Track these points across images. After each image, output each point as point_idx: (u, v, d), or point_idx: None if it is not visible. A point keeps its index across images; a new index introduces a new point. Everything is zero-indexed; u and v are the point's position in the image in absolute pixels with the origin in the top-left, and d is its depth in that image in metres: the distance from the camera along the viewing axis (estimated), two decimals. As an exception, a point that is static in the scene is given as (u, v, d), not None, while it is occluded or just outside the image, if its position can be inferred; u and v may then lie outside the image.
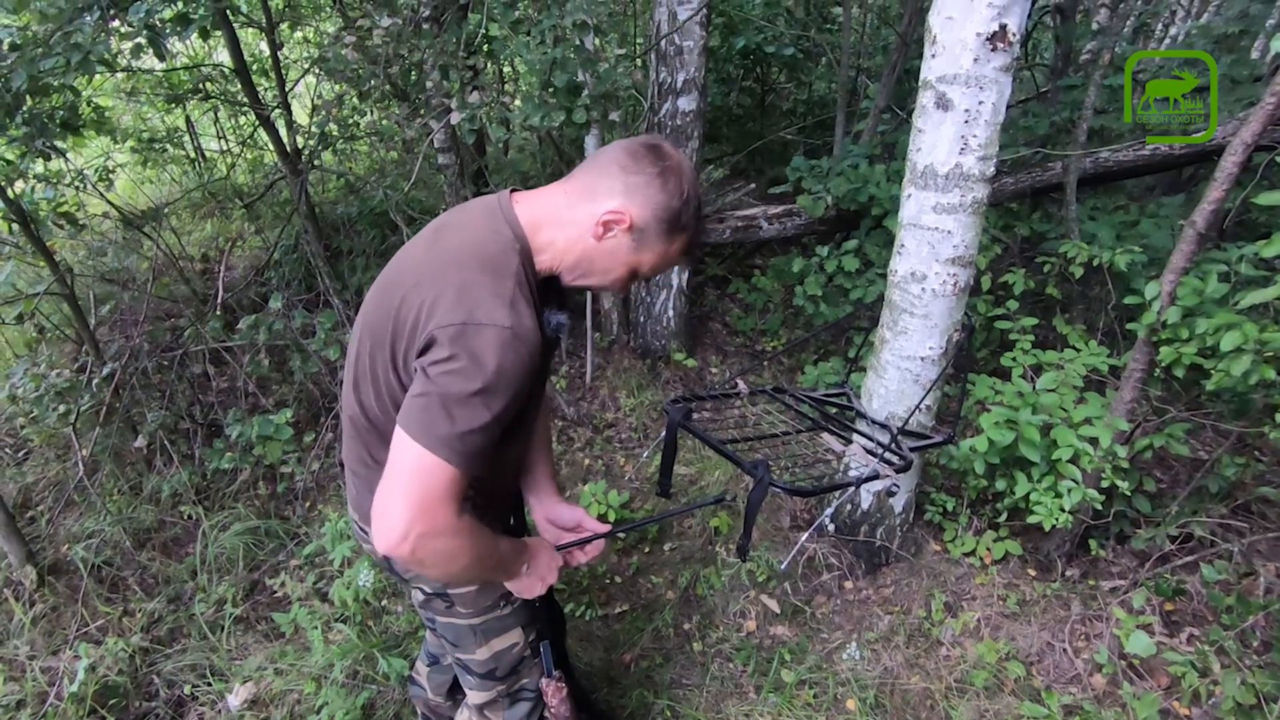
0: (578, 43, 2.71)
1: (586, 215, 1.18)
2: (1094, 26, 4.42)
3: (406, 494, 1.04)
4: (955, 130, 1.95)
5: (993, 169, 2.00)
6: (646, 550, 2.81)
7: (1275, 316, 1.96)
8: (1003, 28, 1.82)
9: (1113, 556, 2.54)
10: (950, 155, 1.98)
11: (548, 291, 1.25)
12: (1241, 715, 1.88)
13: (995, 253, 3.26)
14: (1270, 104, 1.84)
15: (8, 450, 3.17)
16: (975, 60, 1.86)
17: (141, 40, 2.77)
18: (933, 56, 1.95)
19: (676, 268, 3.83)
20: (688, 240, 1.24)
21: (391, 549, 1.04)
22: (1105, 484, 2.23)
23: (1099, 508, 2.28)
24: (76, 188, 3.63)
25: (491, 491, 1.39)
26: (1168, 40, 6.16)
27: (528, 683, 1.57)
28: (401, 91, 3.64)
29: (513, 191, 1.25)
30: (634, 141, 1.21)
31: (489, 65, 4.71)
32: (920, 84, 2.00)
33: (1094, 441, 2.23)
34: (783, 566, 2.53)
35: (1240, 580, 2.25)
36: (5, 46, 2.65)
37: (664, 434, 1.93)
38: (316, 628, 2.22)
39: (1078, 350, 2.56)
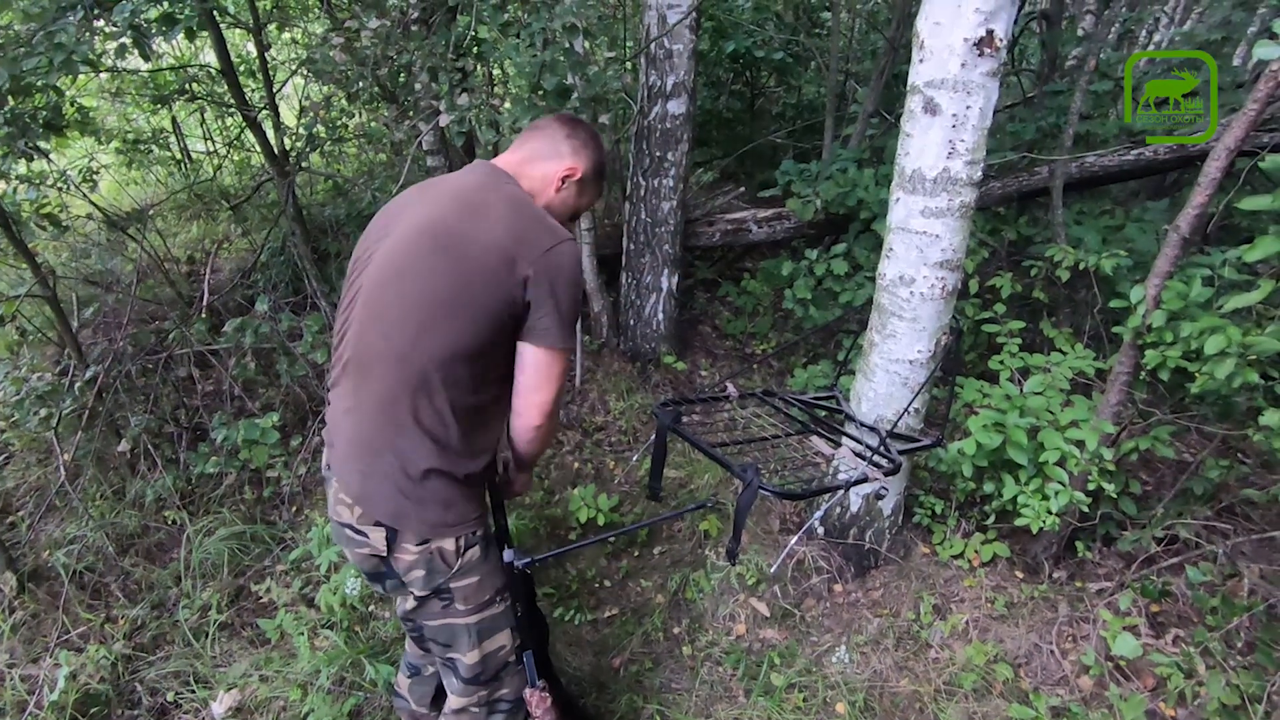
0: (567, 45, 2.71)
1: (549, 173, 1.52)
2: (1079, 33, 4.46)
3: (555, 386, 1.43)
4: (943, 135, 1.96)
5: (980, 173, 2.01)
6: (636, 554, 2.80)
7: (1258, 320, 1.98)
8: (990, 33, 1.84)
9: (1099, 558, 2.55)
10: (938, 160, 1.98)
11: None
12: (1227, 716, 1.90)
13: (983, 257, 3.28)
14: (1253, 110, 1.86)
15: (-12, 454, 3.12)
16: (963, 65, 1.87)
17: (126, 40, 2.75)
18: (920, 61, 1.96)
19: (665, 271, 3.82)
20: (602, 185, 1.66)
21: (546, 420, 1.45)
22: (1092, 486, 2.25)
23: (1086, 510, 2.30)
24: (60, 189, 3.59)
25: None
26: (1151, 46, 6.22)
27: (507, 692, 1.60)
28: (390, 93, 3.62)
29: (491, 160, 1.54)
30: (561, 115, 1.60)
31: (478, 67, 4.70)
32: (908, 89, 2.01)
33: (1080, 444, 2.24)
34: (772, 570, 2.53)
35: (1225, 582, 2.27)
36: (-14, 46, 2.62)
37: (653, 437, 1.93)
38: (303, 634, 2.20)
39: (1064, 353, 2.58)
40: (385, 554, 1.40)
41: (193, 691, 2.18)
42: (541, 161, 1.52)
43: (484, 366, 1.37)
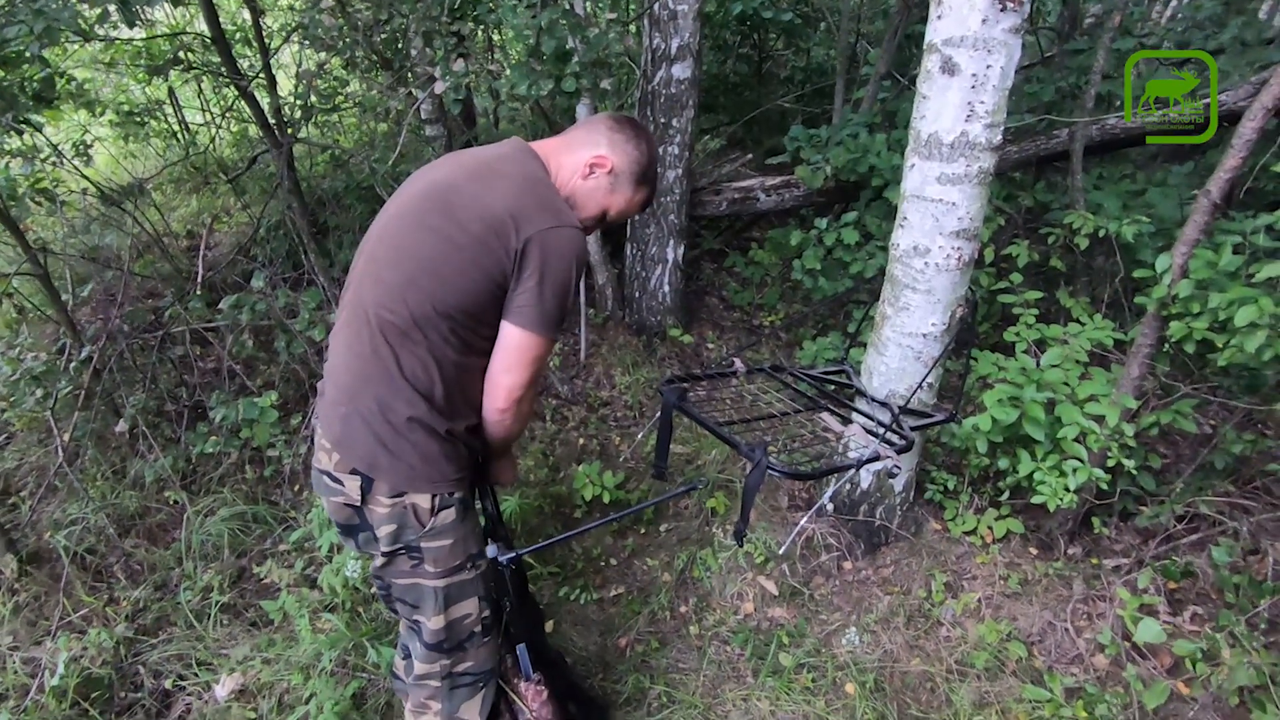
0: (567, 6, 2.59)
1: (578, 159, 1.50)
2: (1102, -12, 4.27)
3: (527, 369, 1.40)
4: (961, 96, 1.85)
5: (1000, 137, 1.91)
6: (642, 532, 2.76)
7: (1292, 290, 1.89)
8: (1013, -15, 1.72)
9: (1116, 535, 2.50)
10: (956, 123, 1.88)
11: None
12: (1247, 697, 1.85)
13: (998, 224, 3.17)
14: (1294, 65, 1.75)
15: (-12, 435, 3.10)
16: (984, 21, 1.77)
17: (111, 7, 2.65)
18: (938, 18, 1.85)
19: (671, 242, 3.73)
20: (647, 193, 1.60)
21: (512, 405, 1.43)
22: (1111, 463, 2.18)
23: (1105, 487, 2.23)
24: (53, 163, 3.52)
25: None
26: (1174, 2, 5.99)
27: (471, 665, 1.57)
28: (385, 60, 3.51)
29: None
30: (618, 114, 1.58)
31: (477, 32, 4.56)
32: (925, 47, 1.90)
33: (1100, 419, 2.17)
34: (781, 548, 2.48)
35: (1246, 558, 2.21)
36: (-35, 14, 2.53)
37: (659, 415, 1.87)
38: (305, 616, 2.17)
39: (1082, 324, 2.49)
40: (359, 503, 1.40)
41: (195, 674, 2.17)
42: (577, 149, 1.51)
43: (471, 329, 1.38)
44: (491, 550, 1.51)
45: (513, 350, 1.38)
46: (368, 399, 1.37)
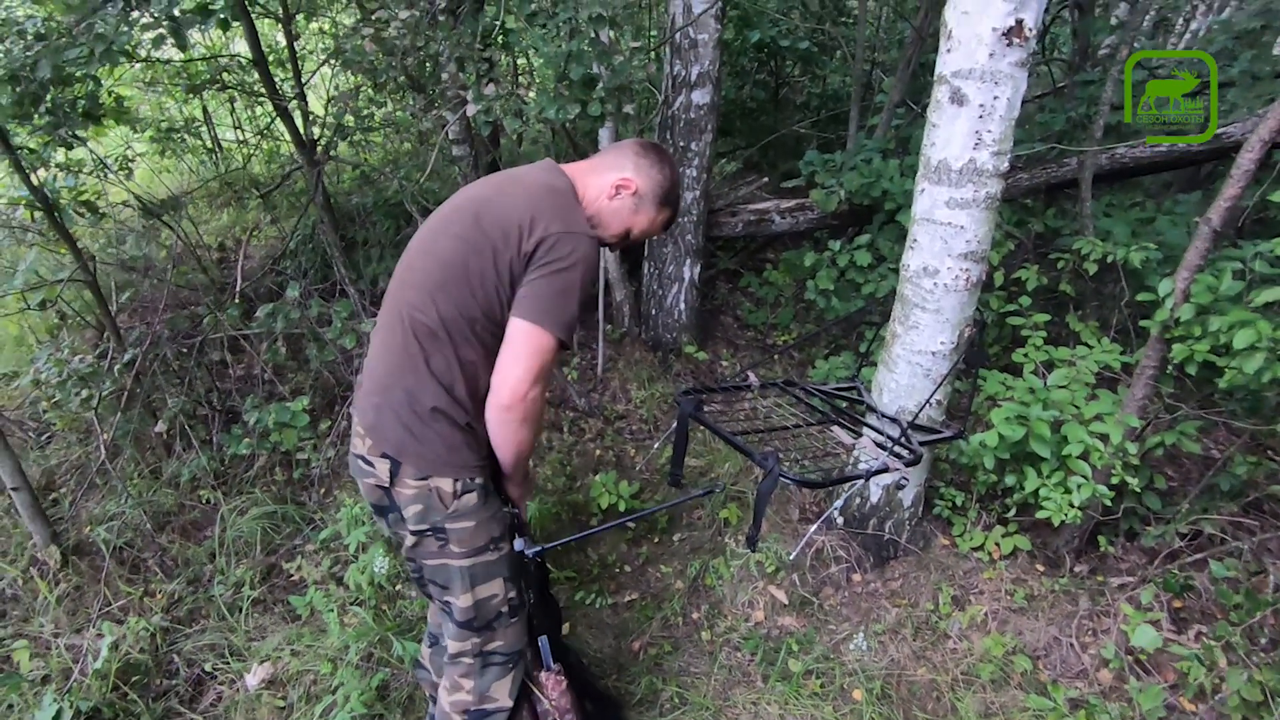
0: (593, 35, 2.72)
1: (605, 180, 1.60)
2: (1112, 21, 4.38)
3: (530, 362, 1.43)
4: (970, 125, 1.95)
5: (1007, 164, 2.00)
6: (656, 540, 2.83)
7: (1289, 315, 1.96)
8: (1019, 23, 1.83)
9: (1122, 553, 2.54)
10: (964, 150, 1.98)
11: None
12: (1248, 711, 1.89)
13: (1008, 249, 3.25)
14: (1288, 101, 1.83)
15: (32, 434, 3.23)
16: (991, 55, 1.87)
17: (163, 30, 2.81)
18: (948, 51, 1.95)
19: (688, 261, 3.84)
20: (669, 215, 1.68)
21: (515, 401, 1.44)
22: (1115, 480, 2.24)
23: (1109, 504, 2.29)
24: (98, 176, 3.69)
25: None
26: (1188, 35, 6.08)
27: (500, 644, 1.65)
28: (417, 83, 3.66)
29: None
30: (646, 141, 1.67)
31: (504, 58, 4.72)
32: (935, 79, 2.01)
33: (1105, 438, 2.23)
34: (791, 558, 2.55)
35: (1250, 578, 2.25)
36: (30, 36, 2.70)
37: (675, 425, 1.96)
38: (333, 610, 2.26)
39: (1090, 347, 2.56)
40: (388, 484, 1.51)
41: (227, 663, 2.26)
42: (604, 171, 1.61)
43: (492, 333, 1.47)
44: (519, 544, 1.60)
45: (517, 341, 1.44)
46: (398, 391, 1.49)
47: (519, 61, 5.44)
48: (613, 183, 1.59)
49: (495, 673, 1.65)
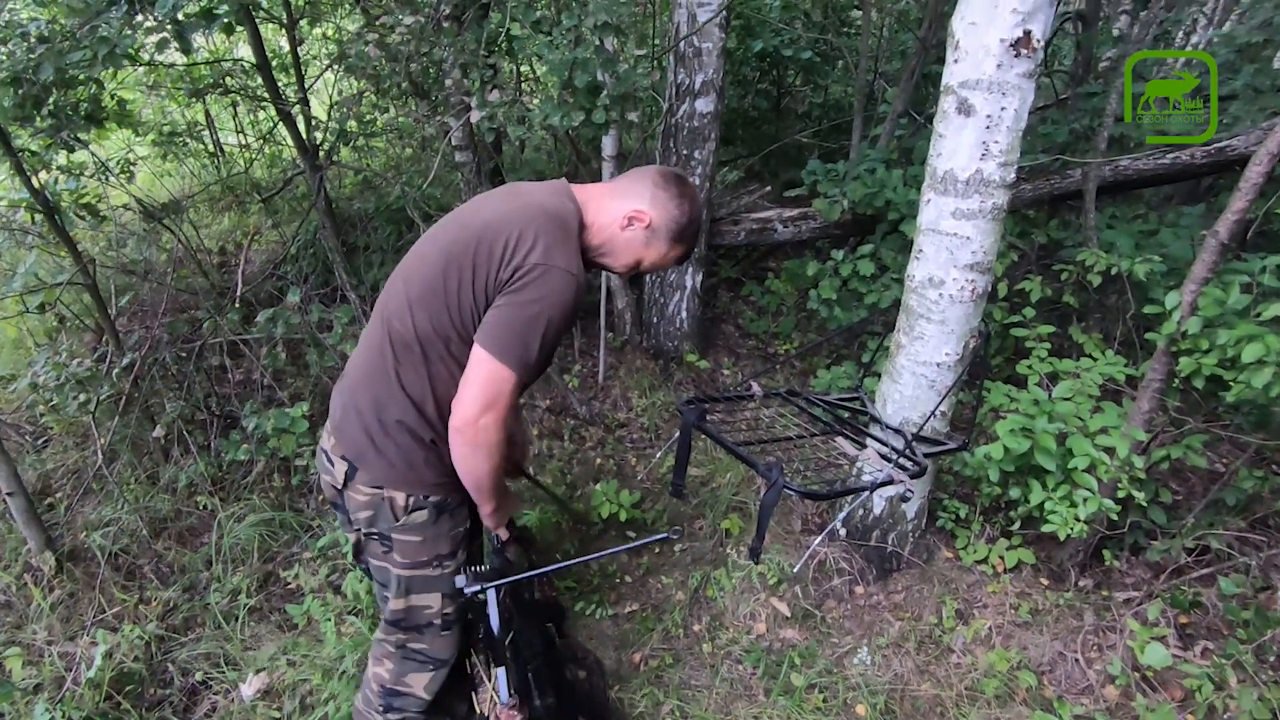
0: (598, 43, 2.72)
1: (619, 209, 1.53)
2: (1115, 33, 4.39)
3: (483, 391, 1.36)
4: (976, 136, 1.94)
5: (1014, 175, 1.99)
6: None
7: (1298, 329, 1.94)
8: (1027, 34, 1.82)
9: (1127, 567, 2.52)
10: (971, 161, 1.97)
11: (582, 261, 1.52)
12: (1257, 730, 1.87)
13: (1012, 260, 3.24)
14: (1297, 114, 1.82)
15: (28, 437, 3.21)
16: (998, 66, 1.86)
17: (167, 34, 2.80)
18: (955, 61, 1.94)
19: (690, 269, 3.83)
20: (683, 251, 1.61)
21: (465, 426, 1.38)
22: (1121, 494, 2.22)
23: (1114, 518, 2.27)
24: (99, 179, 3.68)
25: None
26: (1189, 49, 6.10)
27: (425, 648, 1.66)
28: (421, 89, 3.66)
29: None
30: (667, 169, 1.59)
31: (508, 65, 4.73)
32: (942, 89, 2.00)
33: (1111, 451, 2.21)
34: (794, 570, 2.53)
35: (1257, 594, 2.23)
36: (34, 39, 2.69)
37: (677, 434, 1.94)
38: (329, 620, 2.24)
39: (1094, 359, 2.55)
40: (340, 486, 1.51)
41: (222, 673, 2.23)
42: (619, 198, 1.54)
43: (463, 350, 1.42)
44: (460, 580, 1.55)
45: (473, 366, 1.38)
46: (367, 396, 1.49)
47: (523, 69, 5.44)
48: (626, 213, 1.52)
49: (413, 666, 1.67)
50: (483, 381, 1.36)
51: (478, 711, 1.86)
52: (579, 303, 1.41)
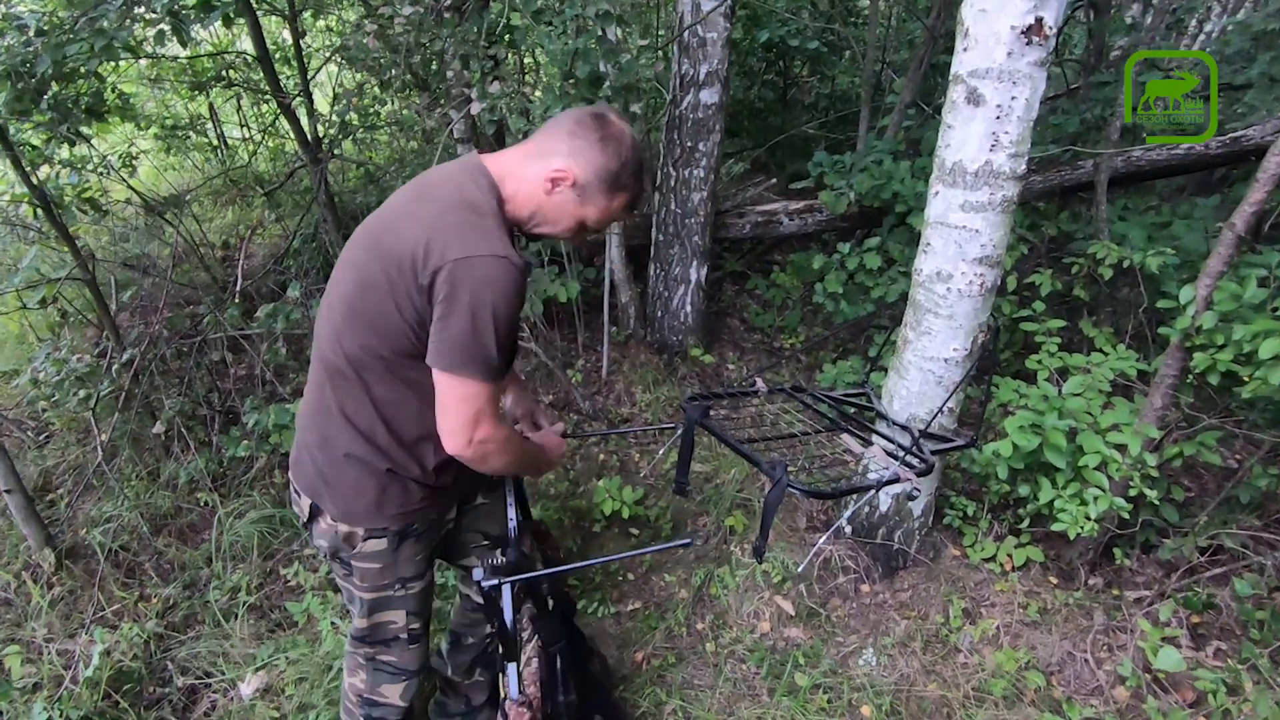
0: (600, 33, 2.68)
1: (538, 172, 1.35)
2: (1127, 21, 4.31)
3: (460, 413, 1.28)
4: (986, 126, 1.89)
5: (1024, 167, 1.94)
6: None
7: (1317, 324, 1.89)
8: (1039, 21, 1.77)
9: (1138, 566, 2.48)
10: (980, 152, 1.92)
11: (511, 239, 1.40)
12: (1271, 734, 1.83)
13: (1021, 252, 3.19)
14: (1318, 103, 1.77)
15: (30, 433, 3.20)
16: (1009, 54, 1.81)
17: (165, 27, 2.78)
18: (964, 50, 1.89)
19: (694, 263, 3.79)
20: (628, 198, 1.43)
21: (459, 452, 1.31)
22: (1133, 492, 2.17)
23: (1126, 516, 2.23)
24: (100, 173, 3.66)
25: None
26: (1202, 36, 6.00)
27: (394, 660, 1.64)
28: (422, 81, 3.62)
29: (480, 153, 1.41)
30: (583, 110, 1.39)
31: (510, 55, 4.68)
32: (950, 78, 1.95)
33: (1122, 448, 2.17)
34: (799, 568, 2.49)
35: (1271, 594, 2.19)
36: (31, 31, 2.67)
37: (680, 431, 1.91)
38: (327, 618, 2.22)
39: (1105, 354, 2.50)
40: (306, 520, 1.49)
41: (221, 672, 2.22)
42: (536, 159, 1.37)
43: (413, 369, 1.32)
44: (478, 574, 1.54)
45: (440, 395, 1.29)
46: (314, 433, 1.43)
47: (525, 60, 5.39)
48: (546, 175, 1.35)
49: (385, 678, 1.66)
50: (456, 405, 1.28)
51: (502, 694, 1.83)
52: (521, 283, 1.26)
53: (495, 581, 1.52)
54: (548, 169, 1.35)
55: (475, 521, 1.74)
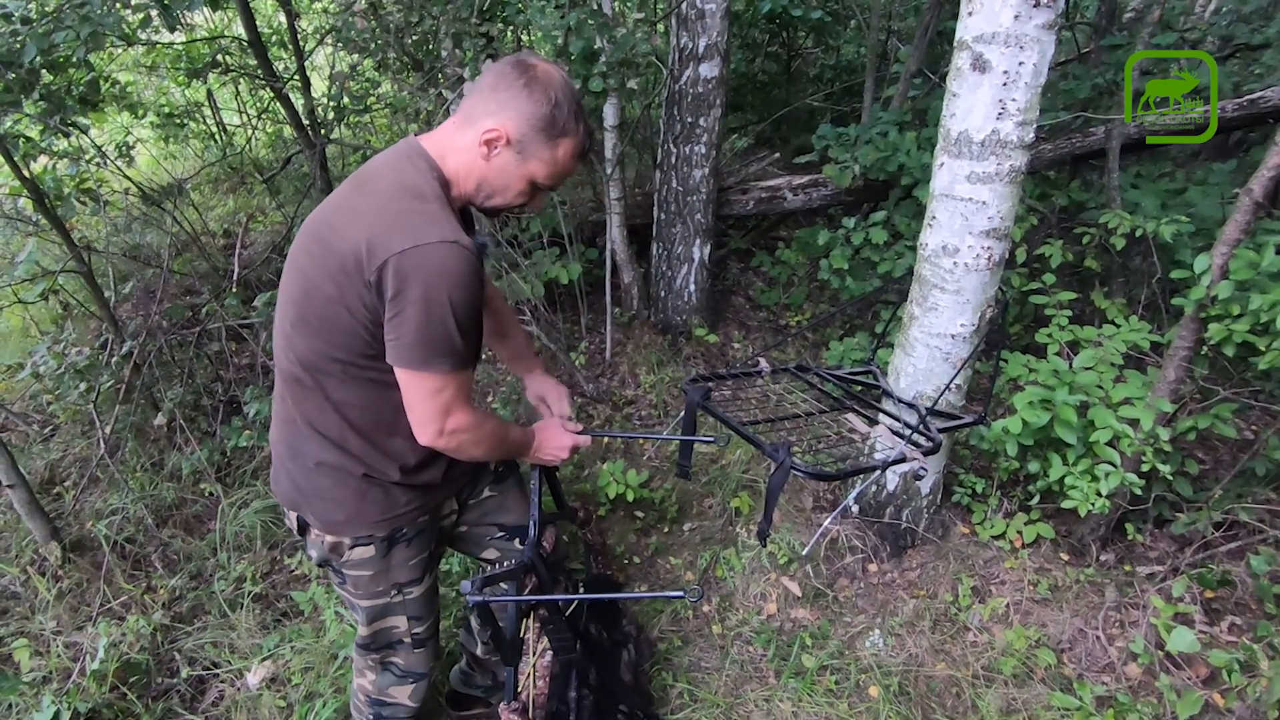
0: (595, 7, 2.61)
1: (471, 139, 1.27)
2: (1141, -18, 4.17)
3: (427, 408, 1.25)
4: (993, 94, 1.83)
5: (1032, 135, 1.88)
6: (665, 530, 2.77)
7: (1337, 291, 1.83)
8: (1047, -19, 1.69)
9: (1151, 541, 2.44)
10: (987, 121, 1.86)
11: (464, 220, 1.37)
12: (1287, 711, 1.80)
13: (1031, 223, 3.12)
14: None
15: (35, 427, 3.21)
16: (1016, 17, 1.74)
17: (151, 11, 2.73)
18: (969, 14, 1.82)
19: (698, 241, 3.73)
20: (574, 144, 1.31)
21: (434, 443, 1.29)
22: (1146, 468, 2.13)
23: (1138, 492, 2.18)
24: (97, 164, 3.63)
25: None
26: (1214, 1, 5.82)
27: (401, 662, 1.63)
28: (416, 61, 3.55)
29: (417, 135, 1.34)
30: (502, 61, 1.30)
31: (506, 32, 4.59)
32: (956, 44, 1.88)
33: (1134, 423, 2.12)
34: (805, 549, 2.47)
35: (1287, 568, 2.15)
36: (16, 19, 2.62)
37: (683, 414, 1.87)
38: (332, 606, 2.21)
39: (1117, 326, 2.44)
40: (299, 533, 1.45)
41: (228, 662, 2.22)
42: (467, 126, 1.27)
43: (375, 368, 1.27)
44: (465, 586, 1.50)
45: (405, 392, 1.25)
46: (282, 444, 1.40)
47: (521, 38, 5.31)
48: (479, 139, 1.26)
49: (393, 680, 1.64)
50: (422, 400, 1.25)
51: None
52: (475, 266, 1.19)
53: (481, 598, 1.46)
54: (479, 132, 1.26)
55: (486, 515, 1.71)
